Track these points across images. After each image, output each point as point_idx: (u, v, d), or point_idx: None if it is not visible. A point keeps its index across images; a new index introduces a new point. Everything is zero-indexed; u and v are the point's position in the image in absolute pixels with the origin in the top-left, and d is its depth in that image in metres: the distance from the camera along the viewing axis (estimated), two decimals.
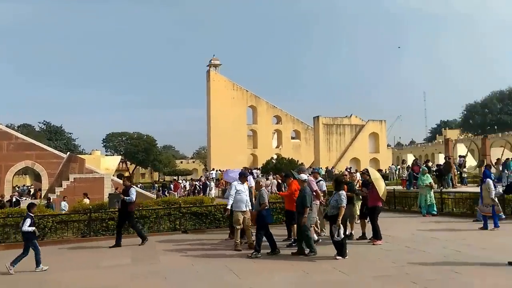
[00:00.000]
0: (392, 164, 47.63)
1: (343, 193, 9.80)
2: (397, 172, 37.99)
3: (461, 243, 11.03)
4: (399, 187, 24.57)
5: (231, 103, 62.35)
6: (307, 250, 10.06)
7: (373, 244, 11.19)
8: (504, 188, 16.48)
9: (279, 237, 12.37)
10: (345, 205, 9.66)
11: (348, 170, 27.64)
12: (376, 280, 7.86)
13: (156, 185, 46.98)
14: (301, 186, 10.40)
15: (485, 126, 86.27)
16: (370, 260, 9.60)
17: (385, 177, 35.10)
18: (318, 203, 11.39)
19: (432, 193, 17.20)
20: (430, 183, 17.26)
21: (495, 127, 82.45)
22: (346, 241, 9.85)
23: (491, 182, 13.45)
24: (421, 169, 19.55)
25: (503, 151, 29.47)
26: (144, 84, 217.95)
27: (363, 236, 11.99)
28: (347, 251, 9.67)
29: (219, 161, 54.98)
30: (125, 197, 12.83)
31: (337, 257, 9.49)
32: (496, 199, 13.37)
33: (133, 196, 12.90)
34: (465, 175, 26.27)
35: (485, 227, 13.07)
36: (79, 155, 36.15)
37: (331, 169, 46.63)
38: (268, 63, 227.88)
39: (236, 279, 8.31)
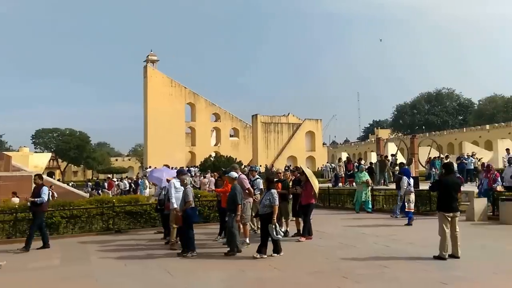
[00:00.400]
0: (327, 162, 48.96)
1: (275, 192, 9.83)
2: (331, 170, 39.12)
3: (390, 238, 11.54)
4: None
5: (168, 99, 61.32)
6: (242, 247, 10.08)
7: (298, 241, 11.41)
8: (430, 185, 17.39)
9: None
10: (278, 204, 9.72)
11: (287, 168, 28.08)
12: (309, 275, 8.03)
13: (90, 183, 45.23)
14: (232, 184, 10.39)
15: (414, 126, 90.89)
16: (305, 256, 9.79)
17: (319, 174, 36.08)
18: (251, 200, 11.42)
19: (368, 190, 17.80)
20: (366, 180, 17.82)
21: (423, 127, 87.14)
22: (282, 238, 9.91)
23: (405, 180, 14.17)
24: (359, 166, 20.30)
25: (430, 150, 31.12)
26: (78, 78, 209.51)
27: (298, 233, 12.19)
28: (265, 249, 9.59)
29: (156, 158, 53.87)
30: (35, 199, 11.81)
31: (274, 254, 9.53)
32: (411, 195, 14.08)
33: (44, 196, 11.93)
34: (397, 173, 27.49)
35: (408, 223, 13.78)
36: (5, 152, 34.14)
37: (271, 166, 47.16)
38: (207, 60, 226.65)
39: (171, 279, 8.17)
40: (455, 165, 22.36)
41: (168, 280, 8.09)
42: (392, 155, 29.43)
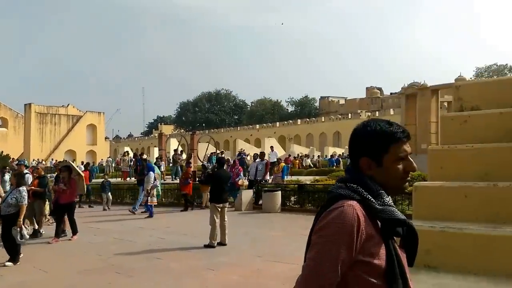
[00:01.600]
0: (109, 157, 47.48)
1: (24, 190, 8.75)
2: (113, 165, 38.14)
3: (166, 230, 11.88)
4: (114, 179, 24.72)
5: None
6: None
7: (70, 239, 10.92)
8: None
9: None
10: (26, 203, 8.71)
11: (54, 163, 26.29)
12: (80, 274, 7.68)
13: None
14: None
15: (195, 123, 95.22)
16: (75, 255, 9.33)
17: (100, 169, 34.80)
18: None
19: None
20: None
21: (204, 124, 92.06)
22: (26, 242, 8.76)
23: (151, 175, 14.96)
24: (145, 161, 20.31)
25: (207, 146, 33.03)
26: None
27: (63, 233, 11.38)
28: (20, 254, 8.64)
29: None
30: None
31: (7, 264, 8.29)
32: (155, 190, 14.89)
33: None
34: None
35: (150, 216, 14.50)
36: None
37: (56, 162, 43.16)
38: None
39: None
40: (237, 160, 24.34)
41: None
42: (175, 150, 30.39)
